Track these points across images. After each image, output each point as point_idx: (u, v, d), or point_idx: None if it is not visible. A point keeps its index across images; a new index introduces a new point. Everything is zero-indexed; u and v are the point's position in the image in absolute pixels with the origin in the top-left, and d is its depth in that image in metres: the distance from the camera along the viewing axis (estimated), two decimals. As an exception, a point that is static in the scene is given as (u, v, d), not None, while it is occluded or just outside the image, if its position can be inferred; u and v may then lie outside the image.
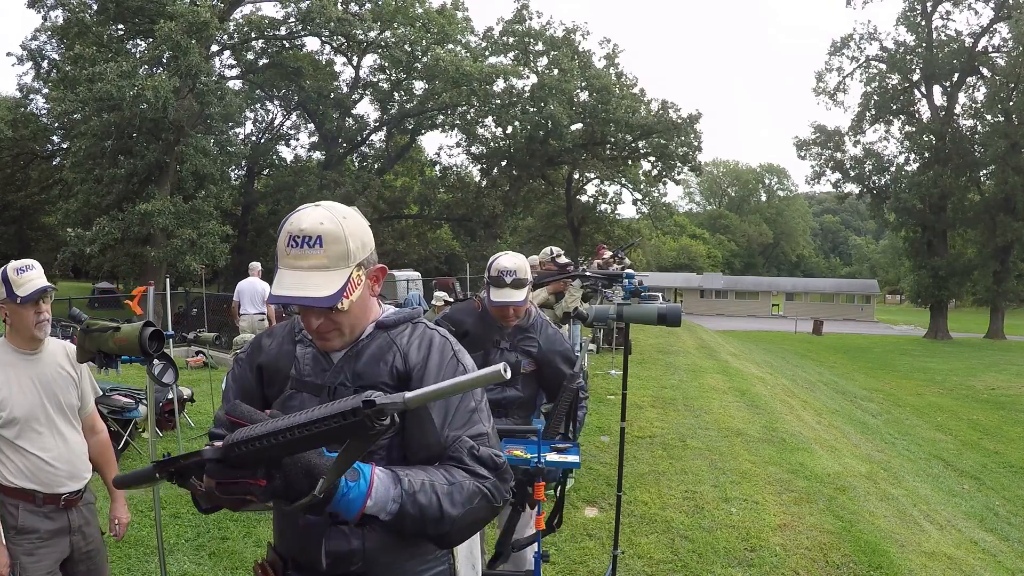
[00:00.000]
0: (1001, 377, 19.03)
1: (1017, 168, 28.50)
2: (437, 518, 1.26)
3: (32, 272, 2.41)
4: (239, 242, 29.73)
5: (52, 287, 2.45)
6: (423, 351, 1.44)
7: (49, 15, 24.05)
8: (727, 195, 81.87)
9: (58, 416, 2.48)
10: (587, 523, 4.76)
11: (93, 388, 2.69)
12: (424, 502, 1.25)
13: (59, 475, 2.44)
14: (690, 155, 31.82)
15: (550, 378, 3.04)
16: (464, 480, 1.31)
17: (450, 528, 1.28)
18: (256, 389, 1.53)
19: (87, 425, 2.66)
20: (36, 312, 2.41)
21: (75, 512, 2.51)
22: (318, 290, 1.29)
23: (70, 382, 2.54)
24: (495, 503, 1.34)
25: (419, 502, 1.24)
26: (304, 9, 26.12)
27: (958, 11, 32.07)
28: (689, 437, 6.89)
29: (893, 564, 4.30)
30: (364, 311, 1.43)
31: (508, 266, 2.88)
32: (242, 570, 4.10)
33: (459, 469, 1.33)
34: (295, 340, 1.51)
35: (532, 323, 3.06)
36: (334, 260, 1.31)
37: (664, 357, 12.32)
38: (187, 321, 16.85)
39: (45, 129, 28.28)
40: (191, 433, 7.36)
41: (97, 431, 2.73)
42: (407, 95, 31.45)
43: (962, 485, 9.30)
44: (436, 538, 1.32)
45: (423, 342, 1.45)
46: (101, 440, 2.73)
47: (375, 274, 1.43)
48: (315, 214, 1.34)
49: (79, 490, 2.52)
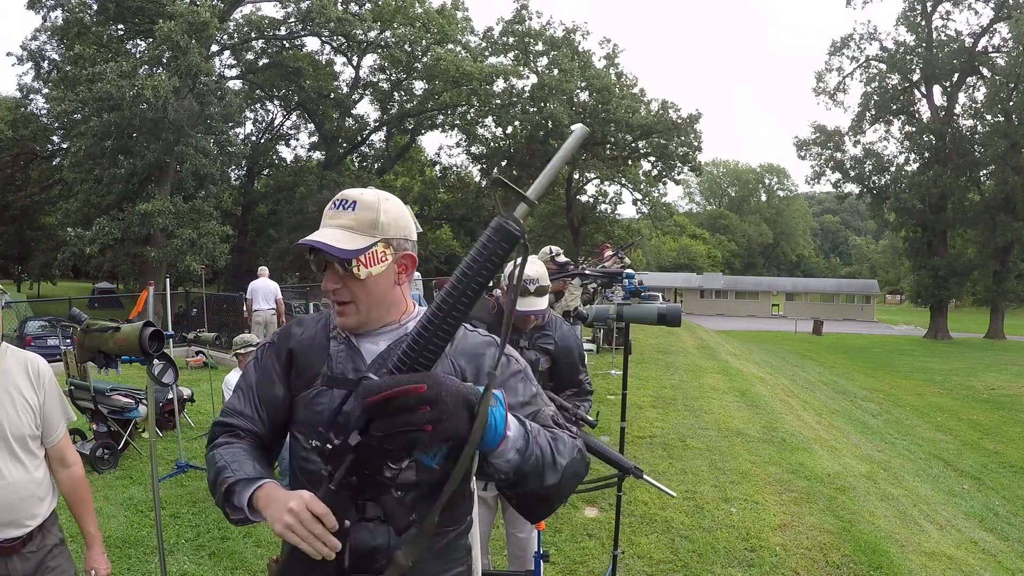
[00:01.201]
0: (1001, 377, 19.03)
1: (1017, 168, 28.49)
2: (551, 464, 1.26)
3: None
4: (239, 242, 29.75)
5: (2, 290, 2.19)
6: (472, 357, 1.43)
7: (49, 15, 24.06)
8: (727, 195, 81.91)
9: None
10: (587, 523, 4.76)
11: (64, 412, 2.25)
12: (544, 444, 1.26)
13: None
14: (690, 155, 31.83)
15: (563, 373, 3.14)
16: (563, 434, 1.33)
17: (560, 478, 1.27)
18: (282, 378, 1.47)
19: (55, 457, 2.23)
20: None
21: (17, 560, 2.08)
22: (337, 243, 1.33)
23: (25, 407, 2.10)
24: (586, 459, 1.35)
25: (540, 443, 1.25)
26: (304, 9, 26.12)
27: (958, 11, 32.13)
28: (689, 437, 6.89)
29: (893, 564, 4.30)
30: (385, 294, 1.40)
31: (530, 275, 2.93)
32: (242, 570, 4.10)
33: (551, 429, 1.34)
34: (329, 336, 1.46)
35: (548, 321, 3.13)
36: (362, 225, 1.36)
37: (664, 357, 12.32)
38: (187, 321, 16.84)
39: (45, 129, 28.26)
40: (191, 433, 7.37)
41: (68, 463, 2.27)
42: (407, 95, 31.45)
43: (962, 485, 9.30)
44: (546, 493, 1.28)
45: (468, 347, 1.44)
46: (73, 475, 2.29)
47: (404, 261, 1.41)
48: (360, 188, 1.42)
49: (18, 537, 2.07)
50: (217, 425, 1.50)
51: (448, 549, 1.42)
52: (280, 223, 29.75)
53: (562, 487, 1.29)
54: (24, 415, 2.08)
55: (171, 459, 6.16)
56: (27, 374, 2.13)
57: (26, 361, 2.15)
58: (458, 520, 1.44)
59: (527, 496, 1.29)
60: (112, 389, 6.60)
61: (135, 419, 6.53)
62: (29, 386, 2.12)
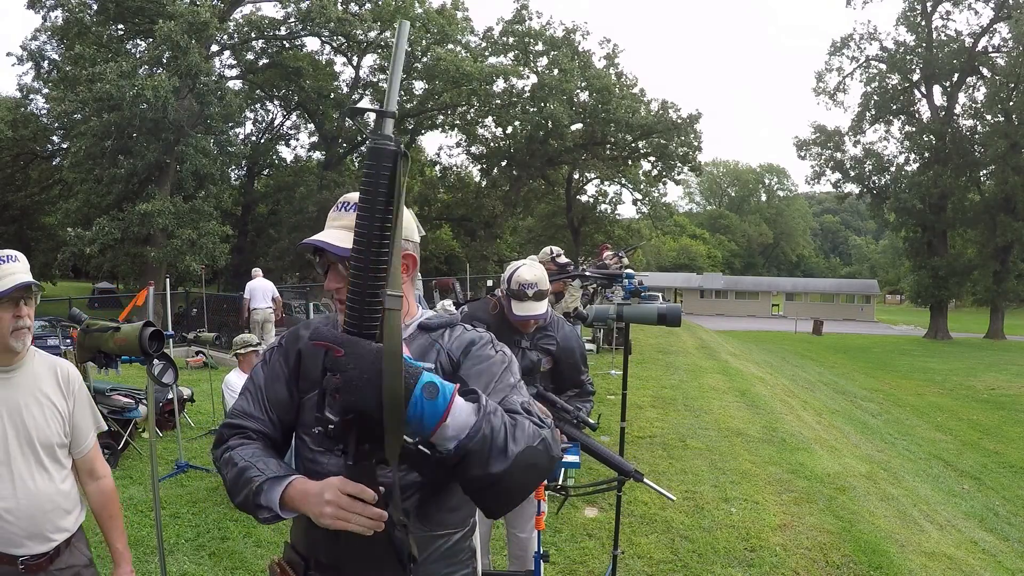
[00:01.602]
0: (1001, 377, 19.03)
1: (1017, 168, 28.49)
2: (501, 448, 1.17)
3: (15, 264, 1.90)
4: (239, 242, 29.74)
5: (38, 285, 1.96)
6: (464, 344, 1.45)
7: (49, 15, 24.05)
8: (727, 195, 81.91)
9: (25, 455, 1.90)
10: (587, 523, 4.76)
11: (95, 421, 2.13)
12: (496, 425, 1.18)
13: (12, 531, 1.87)
14: (690, 155, 31.83)
15: (564, 373, 3.15)
16: (525, 420, 1.25)
17: (508, 466, 1.17)
18: (290, 380, 1.49)
19: (83, 468, 2.10)
20: (15, 315, 1.89)
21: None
22: (340, 242, 1.35)
23: (54, 413, 1.98)
24: (552, 453, 1.26)
25: (492, 422, 1.17)
26: (304, 9, 26.12)
27: (958, 11, 32.12)
28: (689, 437, 6.89)
29: (893, 564, 4.30)
30: None
31: (529, 279, 2.89)
32: (242, 570, 4.10)
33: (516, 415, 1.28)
34: None
35: (550, 321, 3.13)
36: None
37: (664, 357, 12.32)
38: (187, 321, 16.84)
39: (45, 129, 28.24)
40: (191, 433, 7.37)
41: (97, 475, 2.14)
42: (407, 95, 31.43)
43: (962, 485, 9.29)
44: (490, 480, 1.18)
45: (463, 337, 1.46)
46: (103, 487, 2.15)
47: (405, 261, 1.42)
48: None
49: (44, 553, 1.93)
50: (226, 427, 1.50)
51: (453, 551, 1.42)
52: (280, 223, 29.75)
53: (512, 477, 1.18)
54: (52, 421, 1.97)
55: (171, 459, 6.16)
56: (56, 379, 2.02)
57: (56, 366, 2.04)
58: (463, 522, 1.45)
59: (470, 482, 1.20)
60: (112, 389, 6.61)
61: (135, 419, 6.53)
62: (58, 392, 2.01)
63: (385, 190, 1.11)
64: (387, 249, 1.12)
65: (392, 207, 1.12)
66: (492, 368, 1.41)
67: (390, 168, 1.11)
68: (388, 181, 1.12)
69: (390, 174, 1.12)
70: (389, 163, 1.11)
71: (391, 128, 1.14)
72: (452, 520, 1.41)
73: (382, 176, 1.11)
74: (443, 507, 1.41)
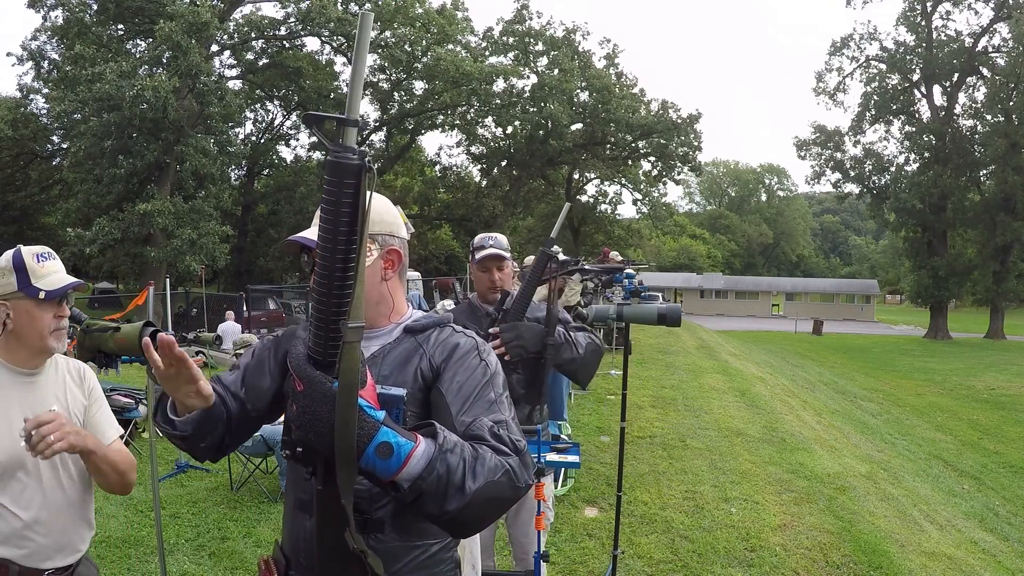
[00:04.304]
0: (1001, 377, 19.02)
1: (1017, 168, 28.48)
2: (458, 487, 1.13)
3: (55, 262, 1.83)
4: (239, 242, 29.72)
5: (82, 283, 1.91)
6: (447, 350, 1.41)
7: (49, 15, 24.07)
8: (727, 195, 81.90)
9: (52, 462, 1.78)
10: (587, 523, 4.76)
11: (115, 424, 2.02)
12: (454, 462, 1.13)
13: (43, 544, 1.77)
14: (690, 155, 31.84)
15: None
16: (487, 453, 1.20)
17: (465, 504, 1.14)
18: (273, 373, 1.48)
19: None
20: (57, 315, 1.81)
21: None
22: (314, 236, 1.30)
23: (78, 417, 1.90)
24: (517, 483, 1.22)
25: (449, 461, 1.13)
26: (304, 9, 26.11)
27: (958, 11, 32.11)
28: (689, 437, 6.89)
29: (893, 564, 4.30)
30: (371, 290, 1.37)
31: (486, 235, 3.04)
32: (242, 570, 4.10)
33: (482, 444, 1.23)
34: None
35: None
36: None
37: (664, 357, 12.32)
38: (187, 321, 16.86)
39: (45, 129, 28.25)
40: (191, 433, 7.36)
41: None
42: (407, 95, 31.44)
43: (962, 485, 9.29)
44: (447, 519, 1.16)
45: (448, 342, 1.42)
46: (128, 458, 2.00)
47: (390, 256, 1.39)
48: None
49: (69, 566, 1.84)
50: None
51: (432, 561, 1.39)
52: (280, 223, 29.74)
53: (469, 511, 1.15)
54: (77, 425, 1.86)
55: (171, 459, 6.16)
56: (76, 380, 1.96)
57: (71, 365, 1.98)
58: (442, 532, 1.37)
59: (427, 517, 1.17)
60: (112, 389, 6.61)
61: (135, 419, 6.53)
62: (80, 393, 1.94)
63: (349, 210, 1.00)
64: (352, 277, 1.03)
65: (356, 230, 1.01)
66: (472, 381, 1.36)
67: (353, 185, 1.00)
68: (351, 200, 1.00)
69: (352, 191, 1.00)
70: (352, 180, 1.00)
71: (354, 138, 1.01)
72: (431, 530, 1.36)
73: (344, 195, 1.00)
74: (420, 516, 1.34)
